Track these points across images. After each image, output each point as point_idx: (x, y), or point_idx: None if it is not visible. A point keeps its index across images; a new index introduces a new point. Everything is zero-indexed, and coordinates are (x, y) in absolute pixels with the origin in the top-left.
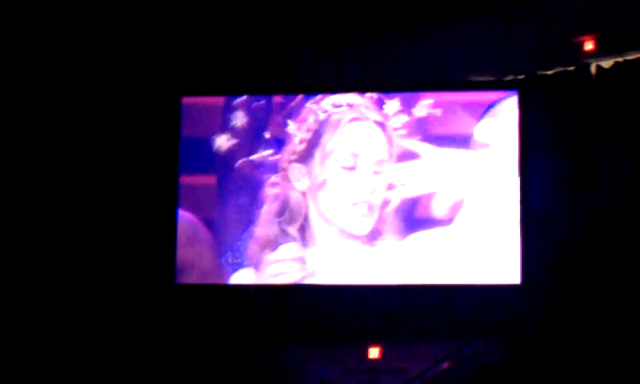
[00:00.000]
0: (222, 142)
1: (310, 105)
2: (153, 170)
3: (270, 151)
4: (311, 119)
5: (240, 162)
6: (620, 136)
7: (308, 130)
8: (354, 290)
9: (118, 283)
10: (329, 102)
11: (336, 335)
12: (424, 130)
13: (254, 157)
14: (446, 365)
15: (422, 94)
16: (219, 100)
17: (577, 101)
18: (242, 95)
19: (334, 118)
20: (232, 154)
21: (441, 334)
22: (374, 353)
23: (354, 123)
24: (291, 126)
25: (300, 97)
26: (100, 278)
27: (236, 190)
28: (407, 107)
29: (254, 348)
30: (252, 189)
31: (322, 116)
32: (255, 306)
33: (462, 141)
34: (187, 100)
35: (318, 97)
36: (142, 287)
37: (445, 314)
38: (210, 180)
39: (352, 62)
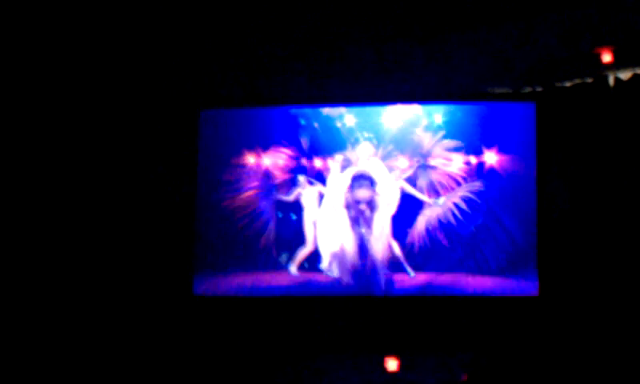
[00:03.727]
0: None
1: None
2: (173, 183)
3: None
4: None
5: None
6: (638, 146)
7: None
8: (372, 302)
9: (139, 295)
10: None
11: (355, 346)
12: None
13: None
14: (464, 377)
15: None
16: None
17: (595, 112)
18: (259, 107)
19: None
20: None
21: (458, 345)
22: (391, 364)
23: None
24: None
25: None
26: (119, 289)
27: None
28: None
29: (273, 359)
30: None
31: None
32: (275, 318)
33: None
34: None
35: None
36: (162, 299)
37: (463, 325)
38: None
39: (369, 73)
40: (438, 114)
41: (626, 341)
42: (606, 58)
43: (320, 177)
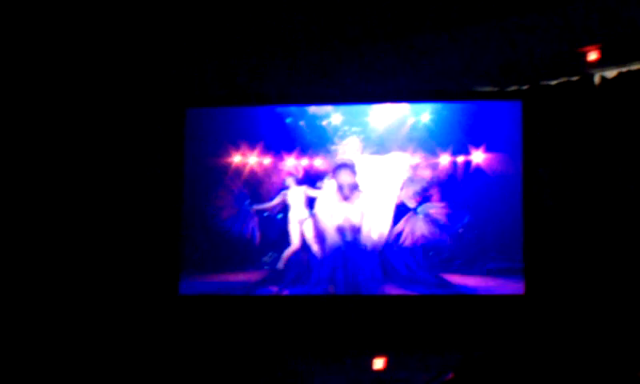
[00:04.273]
0: None
1: None
2: (158, 182)
3: None
4: None
5: None
6: (623, 144)
7: None
8: (359, 301)
9: (125, 295)
10: None
11: (342, 346)
12: None
13: None
14: (450, 375)
15: None
16: None
17: (580, 111)
18: (245, 106)
19: None
20: None
21: (445, 344)
22: (378, 363)
23: None
24: None
25: None
26: (102, 289)
27: None
28: None
29: (261, 358)
30: None
31: None
32: (262, 317)
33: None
34: None
35: None
36: (148, 299)
37: (449, 324)
38: None
39: (354, 72)
40: (424, 113)
41: (611, 338)
42: (592, 56)
43: (306, 175)
